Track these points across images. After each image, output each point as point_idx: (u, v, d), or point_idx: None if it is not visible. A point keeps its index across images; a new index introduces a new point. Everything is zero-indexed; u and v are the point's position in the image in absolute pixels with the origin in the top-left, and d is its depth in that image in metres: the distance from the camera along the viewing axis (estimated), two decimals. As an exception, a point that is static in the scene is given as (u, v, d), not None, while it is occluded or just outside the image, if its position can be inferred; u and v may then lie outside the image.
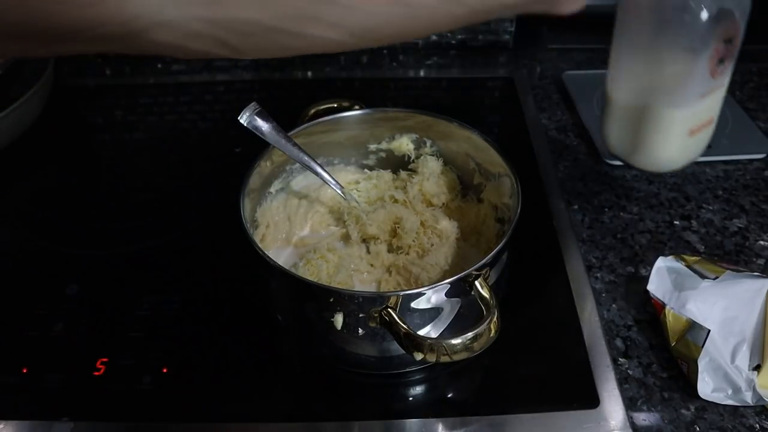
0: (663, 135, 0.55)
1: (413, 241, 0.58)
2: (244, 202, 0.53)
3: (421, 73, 0.96)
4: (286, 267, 0.54)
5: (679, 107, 0.52)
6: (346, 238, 0.61)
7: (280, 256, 0.59)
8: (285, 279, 0.48)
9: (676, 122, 0.53)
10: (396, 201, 0.63)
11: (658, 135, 0.55)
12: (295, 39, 0.39)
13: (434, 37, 0.99)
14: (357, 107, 0.63)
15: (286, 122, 0.57)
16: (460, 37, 1.00)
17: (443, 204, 0.63)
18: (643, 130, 0.55)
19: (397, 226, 0.59)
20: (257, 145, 0.56)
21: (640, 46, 0.53)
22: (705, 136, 0.56)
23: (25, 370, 0.52)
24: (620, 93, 0.57)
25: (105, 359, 0.53)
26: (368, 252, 0.59)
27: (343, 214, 0.62)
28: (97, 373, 0.52)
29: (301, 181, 0.63)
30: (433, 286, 0.44)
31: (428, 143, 0.64)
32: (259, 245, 0.48)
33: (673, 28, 0.49)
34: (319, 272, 0.55)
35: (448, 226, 0.60)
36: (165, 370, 0.52)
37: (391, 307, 0.44)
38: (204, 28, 0.38)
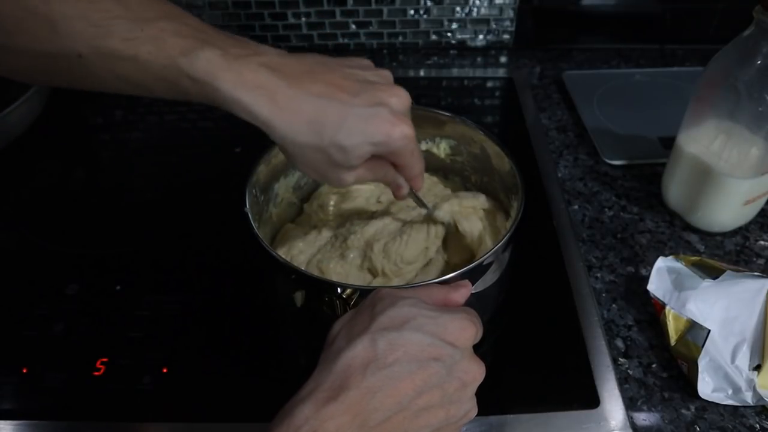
0: (721, 201, 0.61)
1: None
2: (249, 194, 0.53)
3: (421, 73, 0.96)
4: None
5: (740, 179, 0.58)
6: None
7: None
8: (289, 272, 0.48)
9: (735, 192, 0.59)
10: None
11: (716, 201, 0.61)
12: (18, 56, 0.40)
13: (434, 37, 1.00)
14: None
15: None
16: (460, 37, 1.00)
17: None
18: (703, 193, 0.61)
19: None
20: (257, 146, 0.56)
21: (717, 115, 0.58)
22: (757, 207, 0.63)
23: (25, 370, 0.52)
24: (690, 147, 0.61)
25: (105, 359, 0.53)
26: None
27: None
28: (97, 373, 0.52)
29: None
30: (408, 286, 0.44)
31: (465, 152, 0.63)
32: (265, 241, 0.48)
33: (747, 112, 0.55)
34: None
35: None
36: (165, 370, 0.52)
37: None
38: None
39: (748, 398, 0.48)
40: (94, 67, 0.38)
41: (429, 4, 0.95)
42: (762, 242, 0.64)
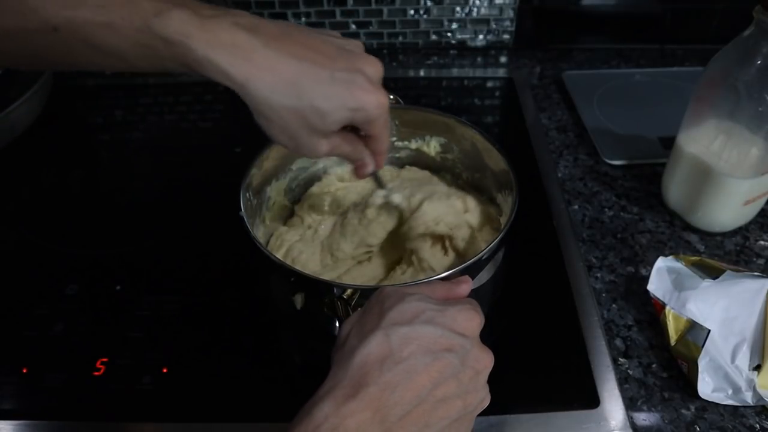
0: (721, 202, 0.61)
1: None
2: (243, 198, 0.53)
3: (421, 73, 0.96)
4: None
5: (740, 179, 0.58)
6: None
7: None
8: (288, 275, 0.48)
9: (735, 192, 0.59)
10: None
11: (716, 201, 0.61)
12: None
13: (434, 37, 1.00)
14: (392, 100, 0.63)
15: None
16: (460, 37, 1.00)
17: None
18: (703, 193, 0.61)
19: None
20: (257, 145, 0.56)
21: (717, 115, 0.58)
22: (757, 207, 0.63)
23: (25, 370, 0.52)
24: (690, 147, 0.61)
25: (105, 359, 0.53)
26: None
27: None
28: (97, 373, 0.52)
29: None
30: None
31: (455, 149, 0.64)
32: (260, 240, 0.48)
33: (747, 112, 0.55)
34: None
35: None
36: (165, 370, 0.52)
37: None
38: None
39: (748, 398, 0.48)
40: (71, 39, 0.38)
41: (429, 4, 0.95)
42: (762, 242, 0.64)
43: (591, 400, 0.49)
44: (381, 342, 0.34)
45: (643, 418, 0.49)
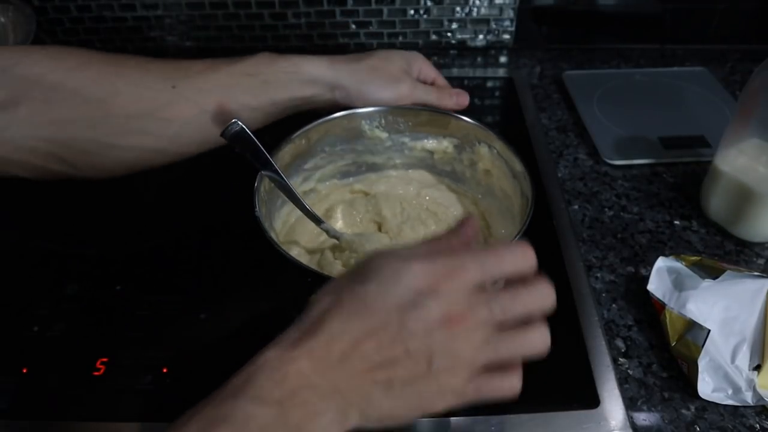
0: (764, 217, 0.60)
1: None
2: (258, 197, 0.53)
3: (421, 73, 0.95)
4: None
5: None
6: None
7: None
8: (301, 273, 0.48)
9: None
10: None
11: (759, 217, 0.61)
12: (128, 152, 0.54)
13: (434, 37, 1.00)
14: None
15: (286, 120, 0.57)
16: (460, 37, 1.00)
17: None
18: (745, 208, 0.61)
19: None
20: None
21: (760, 134, 0.58)
22: None
23: (25, 370, 0.52)
24: (731, 164, 0.61)
25: (105, 359, 0.53)
26: None
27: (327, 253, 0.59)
28: (97, 373, 0.52)
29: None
30: None
31: (470, 148, 0.64)
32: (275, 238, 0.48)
33: None
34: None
35: None
36: (165, 370, 0.52)
37: None
38: (43, 145, 0.50)
39: (748, 398, 0.48)
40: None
41: (429, 4, 0.95)
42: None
43: (591, 400, 0.49)
44: (335, 299, 0.35)
45: (643, 418, 0.49)
